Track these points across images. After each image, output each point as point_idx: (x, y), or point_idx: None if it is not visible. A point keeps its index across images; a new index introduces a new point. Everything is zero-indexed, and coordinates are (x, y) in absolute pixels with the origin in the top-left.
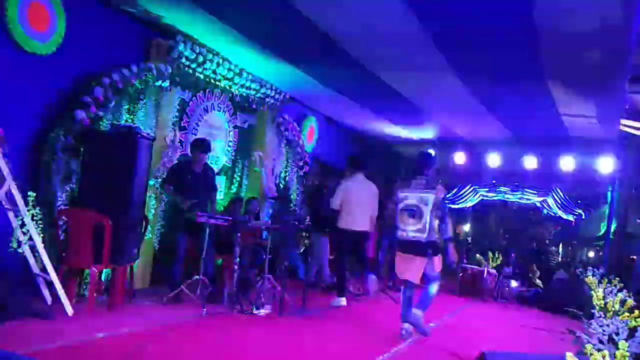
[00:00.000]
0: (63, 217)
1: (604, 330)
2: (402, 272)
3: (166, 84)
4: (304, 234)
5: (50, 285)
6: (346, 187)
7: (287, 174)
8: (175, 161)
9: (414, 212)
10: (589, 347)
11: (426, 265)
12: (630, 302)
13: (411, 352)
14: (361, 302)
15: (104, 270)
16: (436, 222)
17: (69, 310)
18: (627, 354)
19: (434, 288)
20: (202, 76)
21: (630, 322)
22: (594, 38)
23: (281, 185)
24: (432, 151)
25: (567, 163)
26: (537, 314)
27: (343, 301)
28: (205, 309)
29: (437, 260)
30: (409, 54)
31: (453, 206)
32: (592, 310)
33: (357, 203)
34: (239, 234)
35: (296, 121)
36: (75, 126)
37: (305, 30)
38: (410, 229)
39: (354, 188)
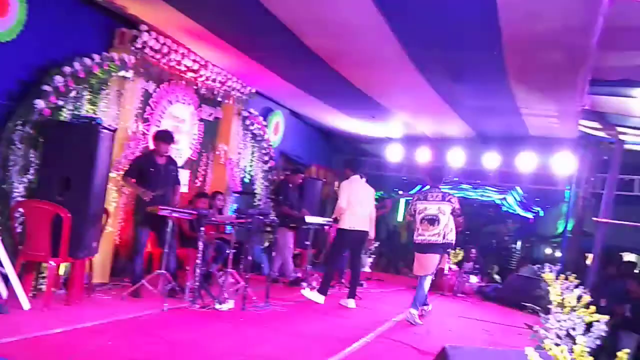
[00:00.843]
0: (20, 209)
1: (561, 326)
2: (418, 269)
3: (129, 74)
4: (268, 228)
5: (5, 278)
6: (349, 187)
7: (253, 168)
8: (138, 153)
9: (434, 220)
10: (547, 342)
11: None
12: (587, 298)
13: (374, 347)
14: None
15: (63, 263)
16: (450, 228)
17: (26, 304)
18: (586, 349)
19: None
20: (166, 67)
21: (586, 317)
22: (556, 39)
23: (246, 180)
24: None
25: (527, 162)
26: (496, 308)
27: (321, 299)
28: (166, 304)
29: (444, 258)
30: (371, 50)
31: None
32: (550, 306)
33: (359, 203)
34: (202, 228)
35: (262, 115)
36: (35, 116)
37: (265, 22)
38: (428, 234)
39: (356, 188)
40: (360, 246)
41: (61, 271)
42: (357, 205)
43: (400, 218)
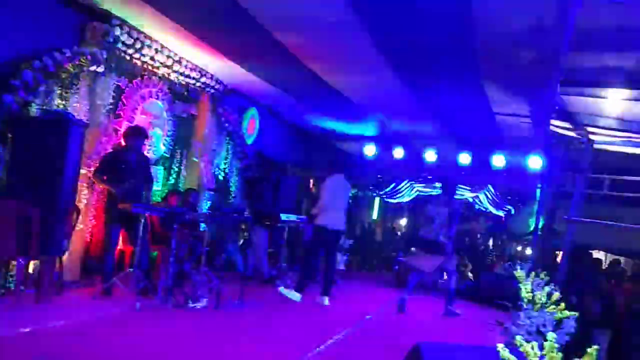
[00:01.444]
0: None
1: (532, 322)
2: (419, 265)
3: (101, 69)
4: (243, 226)
5: None
6: (329, 185)
7: (227, 165)
8: (109, 149)
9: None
10: (518, 338)
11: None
12: (557, 295)
13: (348, 343)
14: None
15: (32, 261)
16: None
17: None
18: (556, 345)
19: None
20: (139, 62)
21: (557, 314)
22: (528, 39)
23: (220, 177)
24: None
25: (499, 160)
26: (468, 306)
27: (297, 297)
28: (138, 303)
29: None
30: (344, 48)
31: (391, 201)
32: (521, 303)
33: (337, 203)
34: (175, 226)
35: (237, 112)
36: (3, 111)
37: (237, 19)
38: (432, 234)
39: (336, 187)
40: (335, 245)
41: (30, 269)
42: (334, 204)
43: (375, 216)
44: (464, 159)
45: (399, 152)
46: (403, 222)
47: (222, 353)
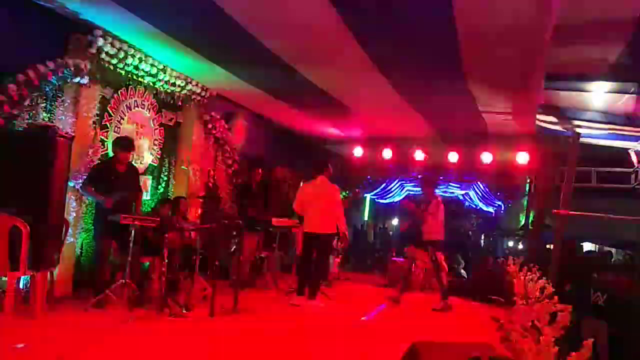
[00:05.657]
0: None
1: (526, 317)
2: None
3: (85, 80)
4: (234, 232)
5: None
6: (303, 190)
7: (216, 172)
8: (97, 161)
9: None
10: (514, 333)
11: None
12: (550, 288)
13: (344, 345)
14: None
15: (23, 277)
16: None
17: None
18: (552, 339)
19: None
20: (123, 72)
21: (551, 308)
22: (510, 34)
23: (210, 184)
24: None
25: (487, 157)
26: (462, 302)
27: (301, 301)
28: (132, 314)
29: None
30: (330, 49)
31: (382, 201)
32: (514, 298)
33: (313, 206)
34: (166, 235)
35: (224, 118)
36: None
37: (220, 24)
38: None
39: (312, 191)
40: (318, 248)
41: (22, 285)
42: (310, 208)
43: (366, 217)
44: (453, 157)
45: (388, 153)
46: (395, 222)
47: None
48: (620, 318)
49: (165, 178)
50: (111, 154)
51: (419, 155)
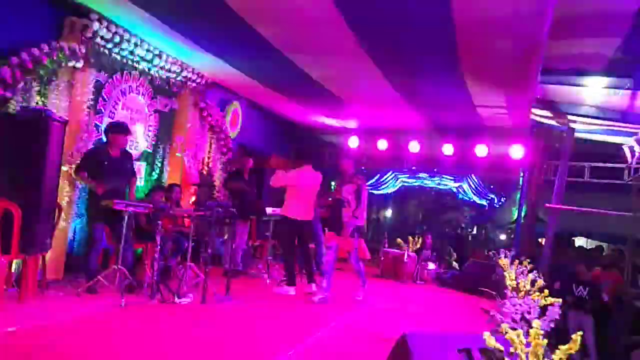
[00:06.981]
0: None
1: (516, 310)
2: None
3: (80, 64)
4: (227, 220)
5: None
6: (294, 175)
7: (211, 159)
8: (91, 146)
9: None
10: (504, 325)
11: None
12: (540, 282)
13: (335, 335)
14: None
15: (14, 260)
16: None
17: None
18: (541, 331)
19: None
20: (118, 57)
21: (541, 301)
22: (507, 28)
23: (204, 172)
24: None
25: (481, 150)
26: (454, 294)
27: (292, 290)
28: (123, 300)
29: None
30: (327, 42)
31: (375, 192)
32: (505, 291)
33: (305, 193)
34: (159, 222)
35: (220, 106)
36: None
37: (217, 11)
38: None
39: (303, 178)
40: (306, 235)
41: (13, 268)
42: (302, 195)
43: None
44: (447, 149)
45: (382, 144)
46: (388, 213)
47: (209, 348)
48: (602, 311)
49: (160, 164)
50: (105, 139)
51: (414, 147)
